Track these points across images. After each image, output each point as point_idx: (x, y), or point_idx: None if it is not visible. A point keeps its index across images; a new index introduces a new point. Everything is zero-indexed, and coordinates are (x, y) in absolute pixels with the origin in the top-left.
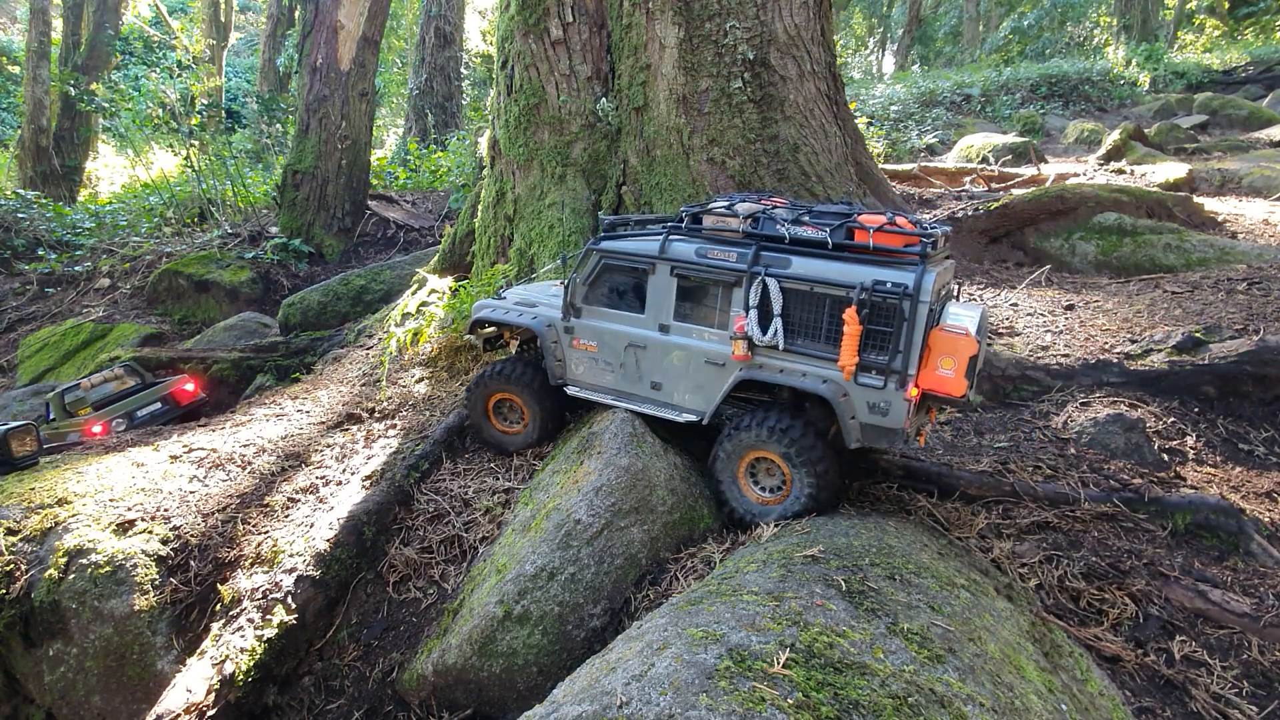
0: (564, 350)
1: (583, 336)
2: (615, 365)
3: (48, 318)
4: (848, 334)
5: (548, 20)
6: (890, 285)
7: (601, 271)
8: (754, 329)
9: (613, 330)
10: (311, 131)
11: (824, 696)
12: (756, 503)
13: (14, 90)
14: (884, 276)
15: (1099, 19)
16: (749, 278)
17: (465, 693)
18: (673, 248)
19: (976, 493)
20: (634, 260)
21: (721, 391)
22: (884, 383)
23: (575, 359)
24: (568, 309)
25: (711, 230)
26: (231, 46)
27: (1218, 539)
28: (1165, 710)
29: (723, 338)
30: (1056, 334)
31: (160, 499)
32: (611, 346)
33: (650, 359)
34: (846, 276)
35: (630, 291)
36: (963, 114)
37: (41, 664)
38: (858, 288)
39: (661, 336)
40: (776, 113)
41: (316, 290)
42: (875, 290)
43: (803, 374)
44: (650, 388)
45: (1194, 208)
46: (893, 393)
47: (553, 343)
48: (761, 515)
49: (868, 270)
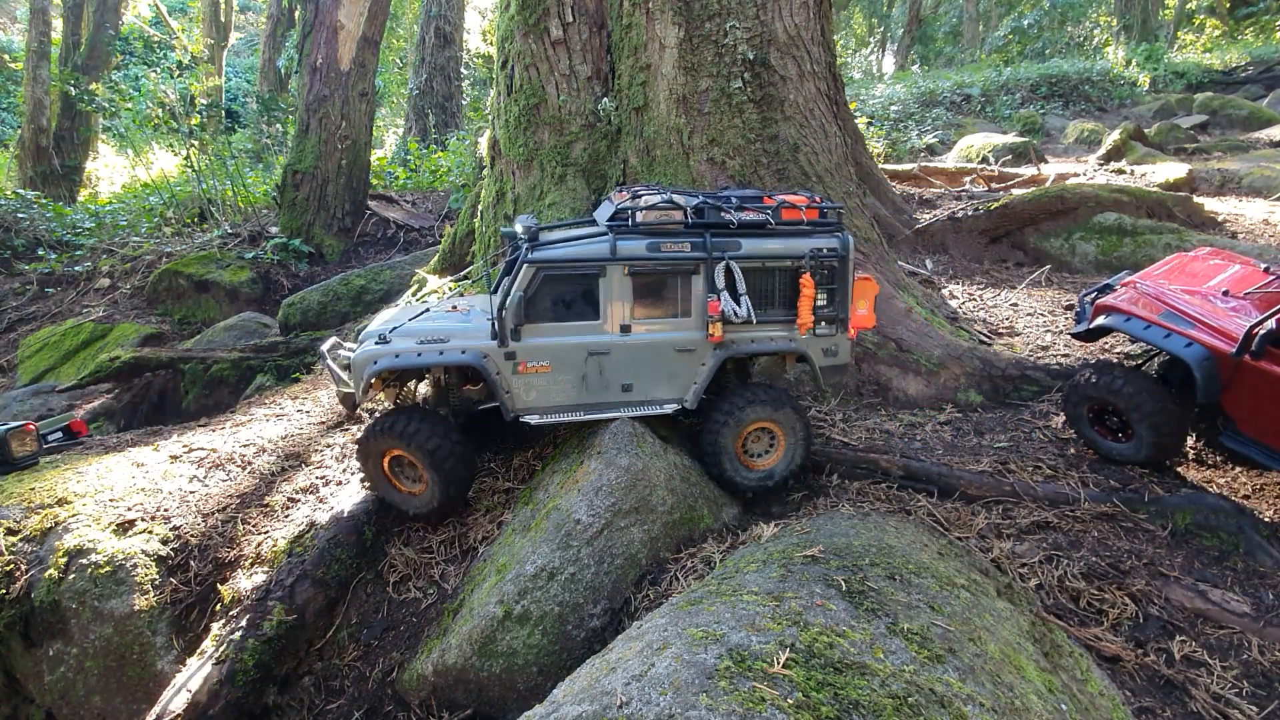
0: (508, 379)
1: (530, 359)
2: (576, 379)
3: (48, 318)
4: (805, 295)
5: (548, 20)
6: (826, 250)
7: (542, 285)
8: (729, 308)
9: (567, 344)
10: (311, 131)
11: (824, 696)
12: (754, 470)
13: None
14: (820, 244)
15: (1099, 19)
16: (710, 264)
17: (465, 693)
18: (623, 247)
19: (976, 493)
20: (581, 267)
21: (705, 374)
22: (834, 330)
23: (524, 385)
24: (504, 333)
25: (655, 225)
26: (231, 46)
27: (1218, 539)
28: (1165, 710)
29: (689, 325)
30: (1056, 334)
31: (160, 499)
32: (569, 361)
33: (616, 363)
34: (792, 249)
35: (579, 299)
36: (963, 114)
37: (41, 664)
38: (806, 256)
39: (624, 338)
40: (776, 113)
41: (316, 290)
42: (818, 256)
43: (771, 339)
44: (621, 391)
45: (1194, 208)
46: (840, 337)
47: (496, 374)
48: (760, 479)
49: (807, 241)
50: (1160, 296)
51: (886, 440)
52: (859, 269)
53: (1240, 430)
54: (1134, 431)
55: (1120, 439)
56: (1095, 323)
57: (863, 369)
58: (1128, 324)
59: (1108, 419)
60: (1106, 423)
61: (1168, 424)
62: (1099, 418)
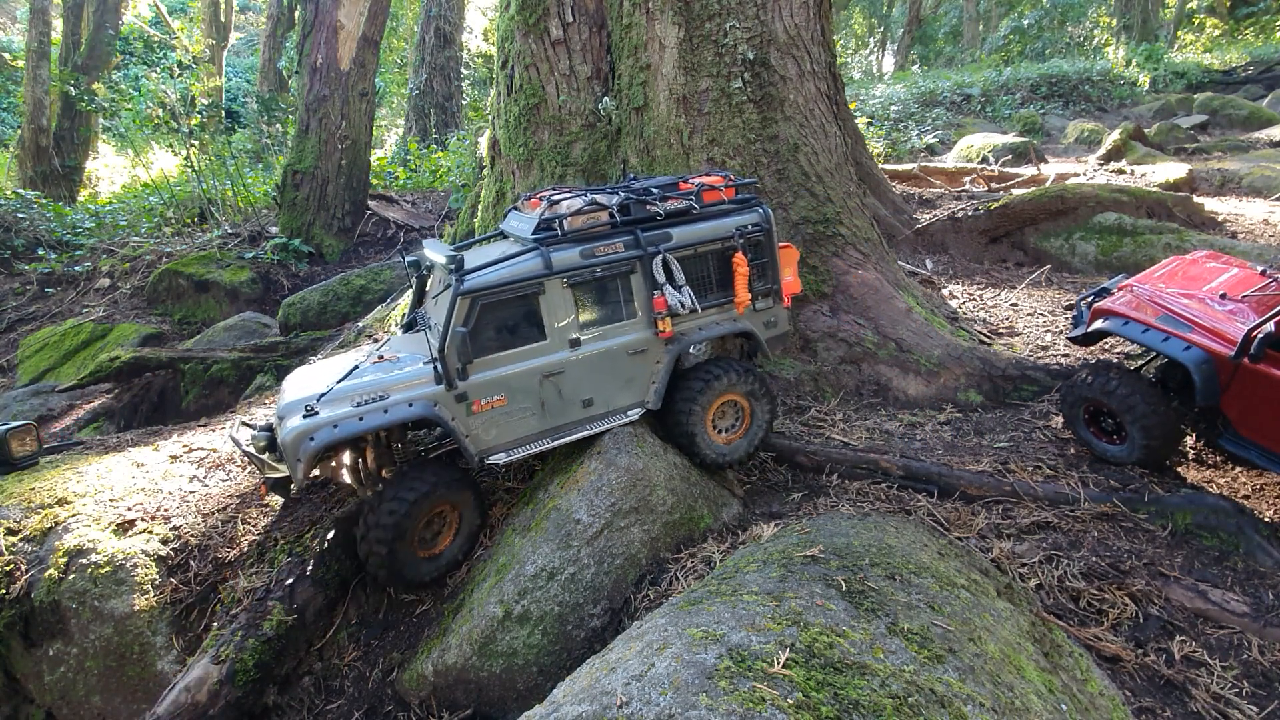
0: (464, 422)
1: (483, 395)
2: (535, 406)
3: (48, 318)
4: (740, 274)
5: (548, 20)
6: (751, 226)
7: (480, 314)
8: (675, 300)
9: (518, 371)
10: (311, 131)
11: (824, 696)
12: (723, 444)
13: (14, 90)
14: (744, 220)
15: (1099, 19)
16: (646, 260)
17: (465, 693)
18: (557, 259)
19: (976, 493)
20: (517, 288)
21: (663, 373)
22: (770, 302)
23: (483, 424)
24: (450, 374)
25: (584, 230)
26: (231, 46)
27: (1218, 539)
28: (1165, 710)
29: (636, 325)
30: (1056, 334)
31: (160, 499)
32: (523, 388)
33: (571, 380)
34: (720, 231)
35: (522, 322)
36: (963, 114)
37: (41, 664)
38: (734, 235)
39: (575, 352)
40: (776, 113)
41: (316, 290)
42: (746, 233)
43: (716, 323)
44: (583, 408)
45: (1194, 208)
46: (778, 308)
47: (451, 420)
48: (730, 453)
49: (731, 220)
50: (1158, 300)
51: (886, 440)
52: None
53: (1239, 432)
54: (1127, 433)
55: (1115, 440)
56: (1093, 326)
57: (863, 369)
58: (1126, 328)
59: (1103, 420)
60: (1102, 424)
61: (1160, 426)
62: (1094, 419)
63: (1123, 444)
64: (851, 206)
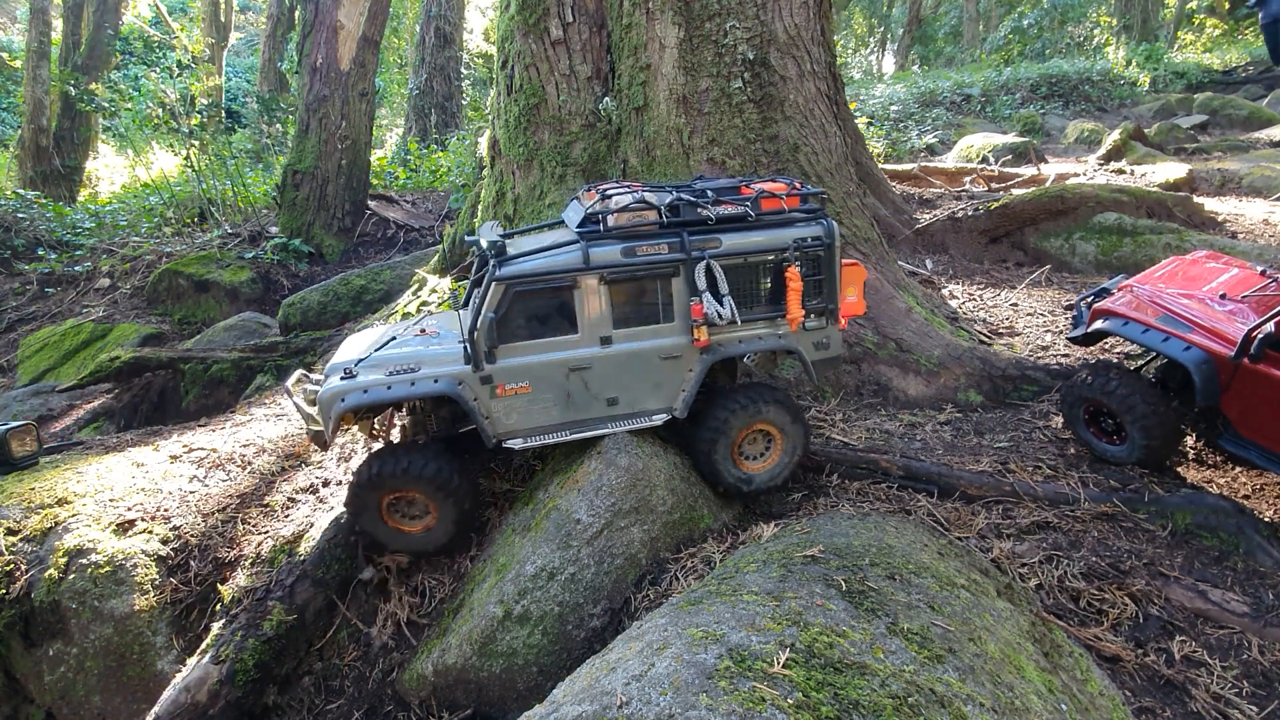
0: (486, 404)
1: (508, 380)
2: (559, 398)
3: (48, 318)
4: (793, 289)
5: (548, 20)
6: (811, 240)
7: (513, 302)
8: (713, 310)
9: (545, 361)
10: (311, 131)
11: (824, 696)
12: (748, 471)
13: (14, 90)
14: (804, 233)
15: (1099, 19)
16: (689, 264)
17: (465, 693)
18: (596, 255)
19: (976, 493)
20: (553, 280)
21: (693, 381)
22: (824, 322)
23: (504, 409)
24: (478, 356)
25: (629, 228)
26: (231, 46)
27: (1218, 539)
28: (1165, 710)
29: (672, 330)
30: (1056, 334)
31: (160, 499)
32: (549, 379)
33: (599, 376)
34: (776, 242)
35: (554, 313)
36: (963, 114)
37: (41, 664)
38: (790, 248)
39: (605, 350)
40: (776, 113)
41: (316, 290)
42: (803, 246)
43: (759, 337)
44: (607, 405)
45: (1194, 208)
46: (831, 328)
47: (473, 400)
48: (757, 481)
49: (789, 231)
50: (1158, 300)
51: (886, 440)
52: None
53: (1239, 432)
54: (1126, 433)
55: (1115, 441)
56: (1093, 327)
57: (863, 369)
58: (1126, 328)
59: (1103, 420)
60: (1101, 424)
61: (1159, 426)
62: (1094, 419)
63: (1123, 444)
64: (851, 206)
